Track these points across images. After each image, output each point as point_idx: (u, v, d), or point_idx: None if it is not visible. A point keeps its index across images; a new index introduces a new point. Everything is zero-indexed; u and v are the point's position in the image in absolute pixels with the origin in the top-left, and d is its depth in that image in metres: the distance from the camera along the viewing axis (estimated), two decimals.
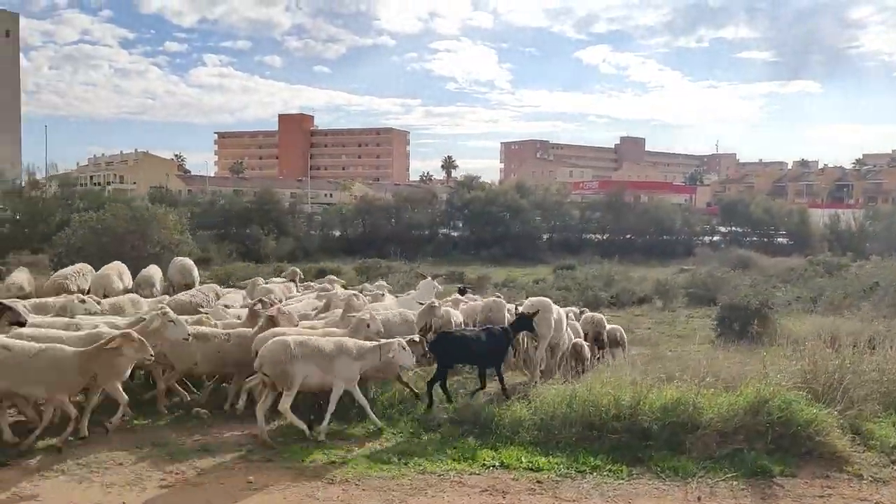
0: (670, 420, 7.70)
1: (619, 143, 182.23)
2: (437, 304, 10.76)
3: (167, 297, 12.38)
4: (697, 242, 53.64)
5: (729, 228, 60.49)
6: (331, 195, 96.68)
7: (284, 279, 13.81)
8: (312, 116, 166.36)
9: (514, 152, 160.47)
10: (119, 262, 14.02)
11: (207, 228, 45.95)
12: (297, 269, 14.41)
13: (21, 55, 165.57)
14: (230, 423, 8.28)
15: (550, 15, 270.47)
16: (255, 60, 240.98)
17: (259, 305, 9.55)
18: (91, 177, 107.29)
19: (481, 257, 45.89)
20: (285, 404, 7.57)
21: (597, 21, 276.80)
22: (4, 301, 8.36)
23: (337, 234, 48.77)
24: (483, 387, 9.24)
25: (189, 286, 13.51)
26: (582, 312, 12.81)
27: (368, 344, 8.29)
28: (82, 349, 7.33)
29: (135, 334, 7.48)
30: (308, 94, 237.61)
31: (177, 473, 6.73)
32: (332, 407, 7.86)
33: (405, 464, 7.10)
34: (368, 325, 8.83)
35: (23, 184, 50.25)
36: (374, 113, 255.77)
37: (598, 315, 12.99)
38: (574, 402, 8.02)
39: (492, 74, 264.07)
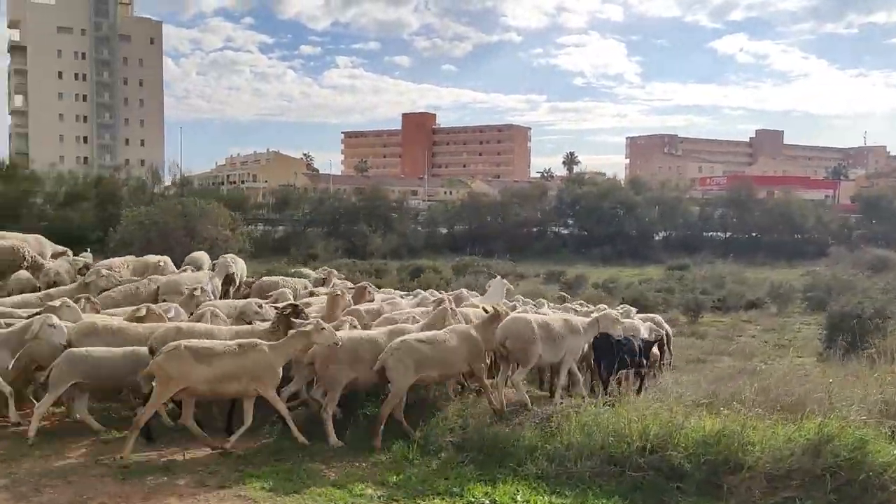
0: (708, 457, 6.36)
1: (754, 136, 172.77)
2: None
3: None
4: (833, 242, 49.38)
5: (870, 227, 55.53)
6: (450, 193, 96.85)
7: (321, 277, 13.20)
8: (435, 115, 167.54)
9: (639, 147, 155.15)
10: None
11: (318, 226, 46.76)
12: (333, 270, 13.91)
13: (171, 62, 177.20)
14: (217, 437, 7.57)
15: (683, 5, 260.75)
16: (384, 61, 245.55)
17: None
18: (227, 176, 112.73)
19: (591, 256, 43.89)
20: (519, 377, 8.08)
21: (734, 9, 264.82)
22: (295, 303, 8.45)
23: (444, 231, 48.27)
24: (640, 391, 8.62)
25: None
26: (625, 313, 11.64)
27: (587, 319, 8.87)
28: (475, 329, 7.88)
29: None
30: (435, 93, 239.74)
31: (120, 497, 6.05)
32: (562, 379, 8.59)
33: (378, 496, 6.12)
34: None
35: (150, 183, 53.10)
36: (500, 110, 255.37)
37: (657, 317, 12.37)
38: (594, 429, 6.80)
39: (621, 68, 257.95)
